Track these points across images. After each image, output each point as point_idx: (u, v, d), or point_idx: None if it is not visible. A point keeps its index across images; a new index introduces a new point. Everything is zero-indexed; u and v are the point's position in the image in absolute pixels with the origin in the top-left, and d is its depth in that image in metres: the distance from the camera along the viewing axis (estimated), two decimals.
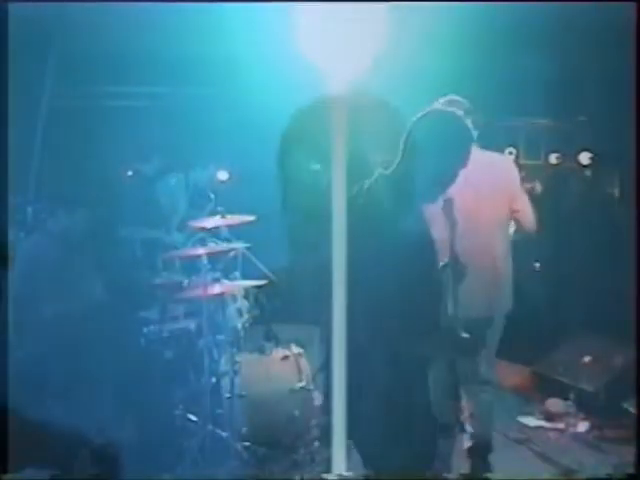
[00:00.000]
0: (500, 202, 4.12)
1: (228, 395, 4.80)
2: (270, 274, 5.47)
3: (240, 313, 5.17)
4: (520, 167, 4.75)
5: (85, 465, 3.77)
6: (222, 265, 5.25)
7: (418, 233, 3.22)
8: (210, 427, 4.77)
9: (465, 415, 4.28)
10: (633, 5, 4.11)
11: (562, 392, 5.61)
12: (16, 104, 4.00)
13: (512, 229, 4.26)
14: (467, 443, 4.35)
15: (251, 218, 5.28)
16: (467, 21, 5.33)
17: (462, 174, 3.29)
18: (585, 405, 5.47)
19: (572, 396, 5.46)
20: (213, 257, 5.10)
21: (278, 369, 5.04)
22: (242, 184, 6.94)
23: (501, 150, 6.40)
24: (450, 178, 3.32)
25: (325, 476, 3.72)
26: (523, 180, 4.40)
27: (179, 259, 5.47)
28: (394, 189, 3.10)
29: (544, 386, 5.92)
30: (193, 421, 4.94)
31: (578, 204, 7.20)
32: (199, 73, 6.74)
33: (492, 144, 4.54)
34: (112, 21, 5.60)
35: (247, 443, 4.75)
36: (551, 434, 5.33)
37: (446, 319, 3.45)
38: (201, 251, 4.96)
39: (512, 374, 6.12)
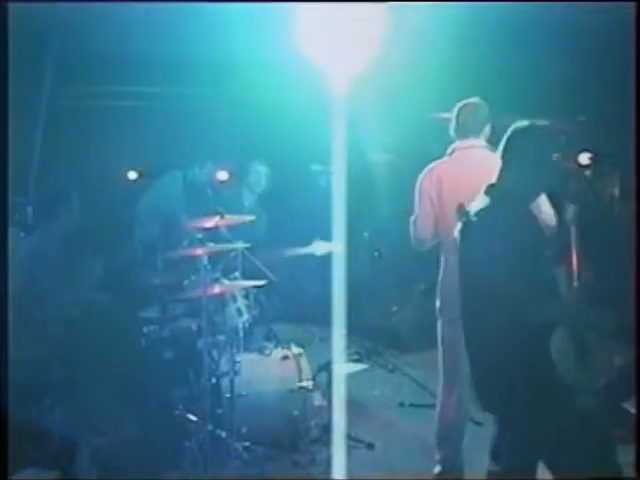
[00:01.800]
0: None
1: (228, 395, 4.81)
2: (270, 274, 5.48)
3: (240, 313, 5.17)
4: None
5: (86, 465, 3.78)
6: (222, 265, 5.26)
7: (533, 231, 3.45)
8: (210, 427, 4.77)
9: None
10: (633, 5, 4.11)
11: None
12: (16, 104, 3.99)
13: None
14: None
15: (251, 218, 5.28)
16: (466, 22, 5.33)
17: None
18: None
19: None
20: (213, 257, 5.10)
21: (278, 369, 5.05)
22: (242, 184, 6.94)
23: None
24: (544, 185, 3.62)
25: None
26: None
27: (179, 259, 5.46)
28: (505, 196, 3.38)
29: None
30: (193, 421, 4.94)
31: (578, 204, 7.18)
32: (199, 73, 6.74)
33: (492, 144, 4.54)
34: (112, 21, 5.59)
35: (247, 443, 4.75)
36: None
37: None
38: (201, 251, 4.95)
39: None
